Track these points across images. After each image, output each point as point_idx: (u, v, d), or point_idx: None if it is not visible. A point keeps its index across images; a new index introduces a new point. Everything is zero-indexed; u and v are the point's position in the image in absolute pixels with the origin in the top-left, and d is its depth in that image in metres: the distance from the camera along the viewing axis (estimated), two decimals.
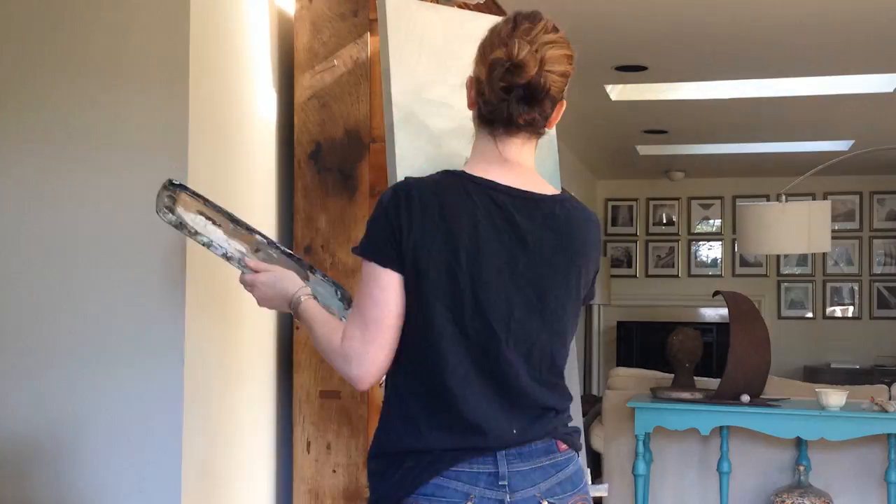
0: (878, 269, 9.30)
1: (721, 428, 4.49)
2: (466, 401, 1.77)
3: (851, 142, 7.63)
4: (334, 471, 2.98)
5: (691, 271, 9.68)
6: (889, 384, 4.71)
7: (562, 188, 2.02)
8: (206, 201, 2.18)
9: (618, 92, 6.18)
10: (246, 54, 2.88)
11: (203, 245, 2.13)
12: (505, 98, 1.81)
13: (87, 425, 2.56)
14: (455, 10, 2.41)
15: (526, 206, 1.83)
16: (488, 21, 2.39)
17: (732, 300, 4.62)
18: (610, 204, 9.85)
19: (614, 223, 9.87)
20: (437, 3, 2.57)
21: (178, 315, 2.52)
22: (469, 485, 1.74)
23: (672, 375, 4.80)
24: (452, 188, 1.79)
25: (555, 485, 1.81)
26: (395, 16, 2.23)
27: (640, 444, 4.51)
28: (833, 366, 8.92)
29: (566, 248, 1.84)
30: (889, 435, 4.29)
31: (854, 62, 5.39)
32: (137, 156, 2.58)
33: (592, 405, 5.67)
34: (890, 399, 4.45)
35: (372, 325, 1.76)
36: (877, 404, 4.30)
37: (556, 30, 1.86)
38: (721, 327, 8.70)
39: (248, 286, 2.08)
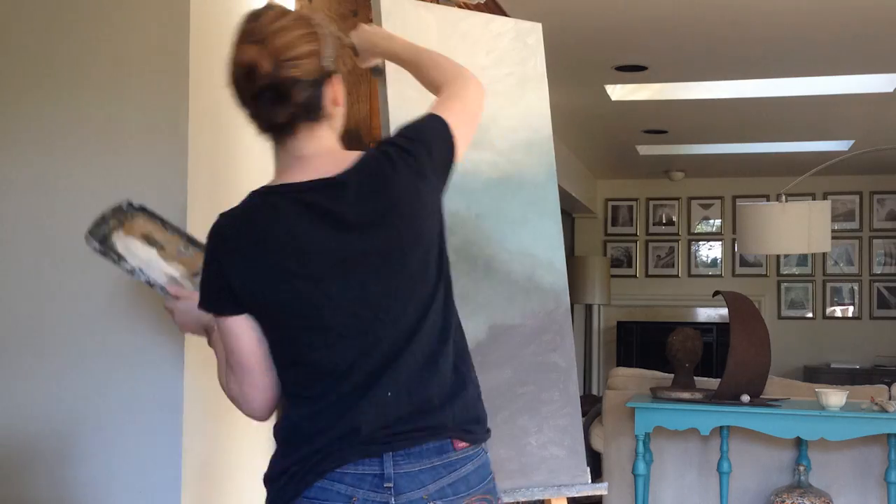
0: (878, 269, 9.30)
1: (721, 428, 4.49)
2: (349, 404, 1.71)
3: (851, 142, 7.63)
4: None
5: (691, 271, 9.68)
6: (889, 384, 4.71)
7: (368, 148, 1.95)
8: (164, 223, 2.22)
9: (618, 92, 6.18)
10: None
11: (127, 272, 2.16)
12: (258, 107, 1.78)
13: (87, 425, 2.56)
14: (449, 8, 2.41)
15: (334, 193, 1.74)
16: (483, 19, 2.39)
17: (732, 300, 4.62)
18: (610, 204, 9.85)
19: (614, 223, 9.87)
20: (437, 2, 2.57)
21: None
22: (353, 487, 1.69)
23: (672, 375, 4.80)
24: (258, 209, 1.76)
25: (446, 486, 1.73)
26: (389, 15, 2.23)
27: (640, 444, 4.51)
28: (833, 366, 8.92)
29: (385, 220, 1.75)
30: (889, 435, 4.29)
31: (854, 62, 5.39)
32: (137, 156, 2.58)
33: (592, 405, 5.67)
34: (890, 399, 4.45)
35: (238, 370, 1.78)
36: (877, 404, 4.30)
37: (284, 15, 1.78)
38: (721, 327, 8.71)
39: (169, 312, 2.11)
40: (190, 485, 2.54)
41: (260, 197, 1.77)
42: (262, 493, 1.85)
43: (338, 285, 1.71)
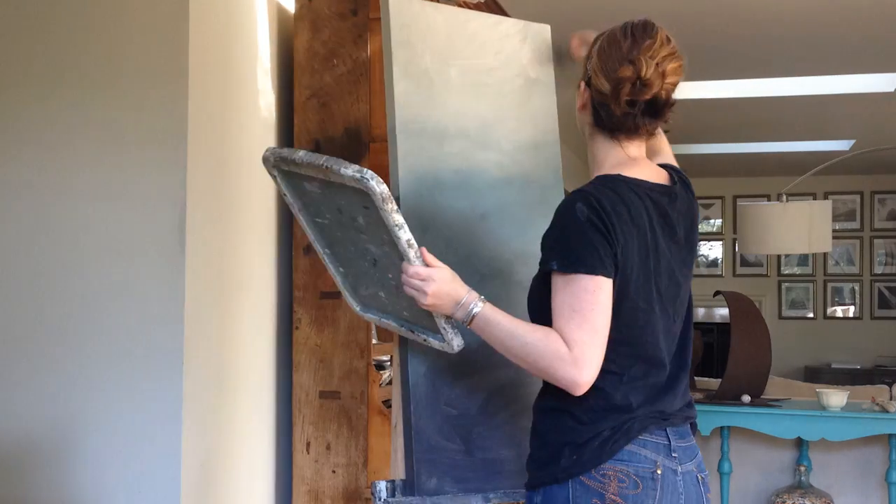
0: (878, 269, 9.29)
1: (721, 428, 4.49)
2: (664, 385, 1.92)
3: (852, 141, 7.63)
4: (334, 471, 2.98)
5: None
6: (890, 384, 4.70)
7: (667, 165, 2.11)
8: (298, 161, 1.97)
9: None
10: (246, 54, 2.88)
11: (396, 227, 1.88)
12: (630, 112, 1.91)
13: (87, 425, 2.56)
14: (458, 9, 2.40)
15: (670, 200, 1.95)
16: (492, 20, 2.38)
17: (733, 300, 4.62)
18: None
19: None
20: (439, 2, 2.56)
21: (178, 315, 2.52)
22: (654, 453, 1.87)
23: None
24: (624, 190, 1.88)
25: (700, 461, 1.97)
26: (397, 15, 2.22)
27: None
28: (834, 366, 8.92)
29: (688, 237, 2.00)
30: (890, 435, 4.28)
31: (854, 62, 5.39)
32: (137, 156, 2.58)
33: None
34: (891, 399, 4.45)
35: (602, 330, 1.81)
36: (877, 404, 4.30)
37: (668, 40, 1.99)
38: (721, 327, 8.70)
39: (421, 279, 1.90)
40: (190, 485, 2.54)
41: (623, 183, 1.89)
42: (261, 492, 1.85)
43: (665, 285, 1.93)
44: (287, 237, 3.09)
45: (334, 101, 3.01)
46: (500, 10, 3.43)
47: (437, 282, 1.89)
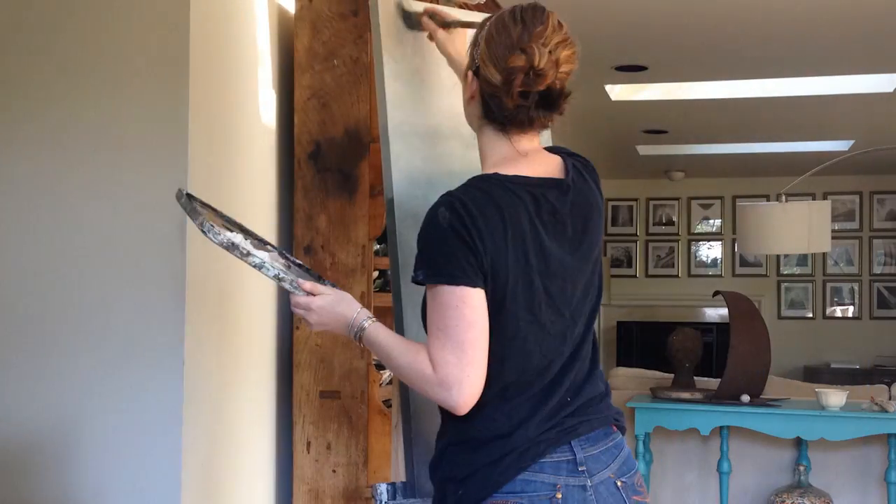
0: (878, 269, 9.30)
1: (721, 428, 4.49)
2: (545, 400, 1.79)
3: (851, 142, 7.63)
4: (334, 471, 2.98)
5: (691, 271, 9.68)
6: (889, 384, 4.71)
7: (556, 147, 2.00)
8: (216, 212, 2.02)
9: (618, 92, 6.17)
10: (246, 54, 2.88)
11: (254, 267, 1.93)
12: (523, 104, 1.80)
13: (87, 425, 2.56)
14: (451, 9, 2.40)
15: (560, 193, 1.82)
16: (482, 20, 2.39)
17: (732, 300, 4.62)
18: (610, 204, 9.84)
19: (614, 223, 9.87)
20: (437, 2, 2.56)
21: (178, 315, 2.52)
22: (553, 475, 1.75)
23: (672, 375, 4.80)
24: (499, 191, 1.77)
25: (621, 464, 1.83)
26: (388, 15, 2.22)
27: (640, 444, 4.51)
28: (833, 366, 8.92)
29: (585, 228, 1.85)
30: (889, 435, 4.28)
31: (854, 62, 5.39)
32: (137, 156, 2.58)
33: None
34: (890, 399, 4.45)
35: (468, 347, 1.70)
36: (877, 404, 4.30)
37: (560, 25, 1.84)
38: (721, 327, 8.70)
39: (304, 309, 1.92)
40: (190, 485, 2.54)
41: (498, 181, 1.79)
42: (261, 492, 1.85)
43: (557, 285, 1.79)
44: (288, 237, 3.10)
45: (334, 101, 3.02)
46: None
47: (315, 311, 1.91)
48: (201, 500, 2.61)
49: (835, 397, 4.25)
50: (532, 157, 1.86)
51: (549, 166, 1.86)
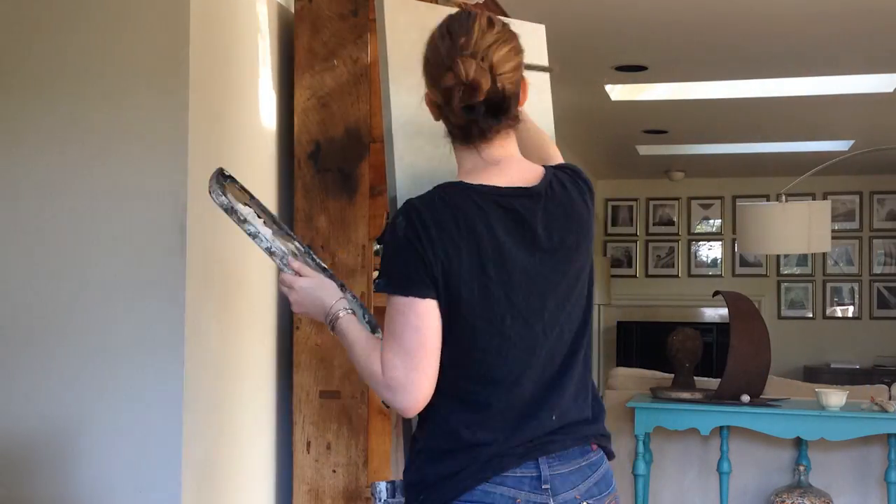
0: (878, 269, 9.30)
1: (721, 428, 4.49)
2: (514, 415, 1.78)
3: (851, 142, 7.63)
4: (334, 471, 2.98)
5: (691, 271, 9.68)
6: (889, 384, 4.71)
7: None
8: (251, 197, 2.08)
9: (618, 92, 6.18)
10: (246, 54, 2.88)
11: (249, 235, 2.02)
12: (471, 117, 1.78)
13: (87, 425, 2.56)
14: (453, 10, 2.41)
15: (529, 203, 1.80)
16: None
17: (732, 300, 4.62)
18: (610, 204, 9.85)
19: (614, 223, 9.87)
20: (436, 2, 2.56)
21: (178, 315, 2.52)
22: (514, 489, 1.75)
23: (672, 375, 4.80)
24: (459, 199, 1.77)
25: (592, 485, 1.83)
26: (392, 15, 2.22)
27: (640, 444, 4.51)
28: (833, 366, 8.92)
29: (563, 238, 1.82)
30: (889, 435, 4.29)
31: (854, 62, 5.39)
32: (138, 156, 2.58)
33: None
34: (890, 399, 4.45)
35: (414, 353, 1.73)
36: (877, 404, 4.30)
37: (491, 24, 1.79)
38: (721, 327, 8.70)
39: (287, 287, 1.97)
40: (190, 485, 2.54)
41: (459, 189, 1.78)
42: (261, 491, 1.85)
43: (523, 296, 1.77)
44: None
45: (335, 101, 3.02)
46: (500, 11, 3.43)
47: (297, 291, 1.95)
48: (201, 500, 2.61)
49: (835, 397, 4.25)
50: (504, 165, 1.84)
51: (523, 174, 1.84)
